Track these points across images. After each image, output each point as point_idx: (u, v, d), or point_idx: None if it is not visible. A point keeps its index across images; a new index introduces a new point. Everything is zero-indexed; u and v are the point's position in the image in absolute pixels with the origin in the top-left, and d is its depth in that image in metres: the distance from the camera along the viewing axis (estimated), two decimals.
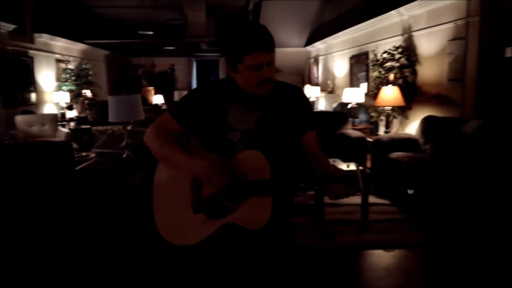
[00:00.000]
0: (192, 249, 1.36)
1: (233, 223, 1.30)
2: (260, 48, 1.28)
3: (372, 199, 3.79)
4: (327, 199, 3.47)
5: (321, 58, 9.61)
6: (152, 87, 13.09)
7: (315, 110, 8.45)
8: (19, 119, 5.99)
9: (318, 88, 8.77)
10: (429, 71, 4.82)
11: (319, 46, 9.55)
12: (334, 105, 7.61)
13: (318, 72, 9.84)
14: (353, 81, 7.33)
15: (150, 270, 2.49)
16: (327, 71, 9.16)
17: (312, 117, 1.51)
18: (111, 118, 3.36)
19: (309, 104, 1.51)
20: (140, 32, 9.90)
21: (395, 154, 3.94)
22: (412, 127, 5.03)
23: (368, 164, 4.92)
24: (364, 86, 6.52)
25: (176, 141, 1.38)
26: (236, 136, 1.37)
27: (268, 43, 1.30)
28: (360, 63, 6.98)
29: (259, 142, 1.36)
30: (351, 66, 7.43)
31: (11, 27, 6.40)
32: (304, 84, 10.16)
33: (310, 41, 10.09)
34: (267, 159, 1.31)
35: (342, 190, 1.25)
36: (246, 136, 1.37)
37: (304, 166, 1.47)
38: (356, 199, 3.45)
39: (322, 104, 8.97)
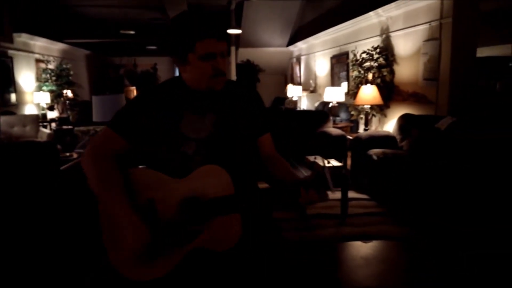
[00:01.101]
0: (160, 282, 1.18)
1: (201, 247, 1.17)
2: (212, 34, 1.19)
3: (352, 194, 3.93)
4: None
5: (303, 58, 9.75)
6: (134, 87, 13.02)
7: (299, 109, 8.58)
8: (0, 120, 5.91)
9: (300, 87, 8.90)
10: (406, 70, 4.99)
11: (301, 46, 9.68)
12: (316, 104, 7.75)
13: (300, 72, 9.98)
14: (334, 81, 7.48)
15: None
16: (309, 70, 9.31)
17: (268, 118, 1.43)
18: (95, 118, 3.40)
19: (263, 105, 1.44)
20: (121, 31, 9.83)
21: (373, 151, 4.08)
22: (390, 125, 5.19)
23: (348, 161, 5.06)
24: (344, 86, 6.67)
25: (116, 176, 1.18)
26: (191, 147, 1.24)
27: (219, 30, 1.22)
28: (341, 63, 7.14)
29: (217, 151, 1.26)
30: (332, 66, 7.58)
31: None
32: (287, 83, 10.29)
33: (292, 41, 10.22)
34: (227, 170, 1.19)
35: (314, 197, 1.18)
36: (202, 145, 1.25)
37: (266, 172, 1.38)
38: (337, 195, 3.58)
39: (304, 103, 9.11)
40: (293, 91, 8.75)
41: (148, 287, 1.19)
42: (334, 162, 3.65)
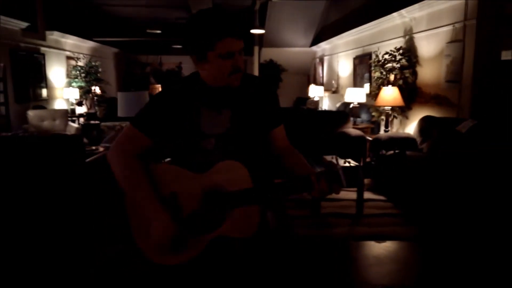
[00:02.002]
0: (184, 267, 1.27)
1: (223, 235, 1.25)
2: (232, 34, 1.22)
3: (368, 194, 3.94)
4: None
5: (326, 58, 9.73)
6: (159, 85, 13.30)
7: (320, 109, 8.58)
8: (31, 114, 6.20)
9: (322, 88, 8.90)
10: (428, 72, 4.94)
11: (324, 46, 9.67)
12: (338, 104, 7.74)
13: (323, 72, 9.96)
14: (356, 81, 7.45)
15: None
16: (331, 71, 9.28)
17: (281, 111, 1.45)
18: (120, 113, 3.54)
19: (276, 97, 1.46)
20: (148, 30, 10.07)
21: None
22: (412, 127, 5.15)
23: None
24: (367, 87, 6.64)
25: (143, 172, 1.26)
26: (211, 143, 1.30)
27: (239, 29, 1.24)
28: (363, 64, 7.11)
29: (235, 146, 1.31)
30: (355, 67, 7.55)
31: (24, 24, 6.61)
32: (309, 83, 10.29)
33: (315, 41, 10.21)
34: (245, 163, 1.25)
35: (325, 187, 1.21)
36: (221, 141, 1.30)
37: (280, 166, 1.41)
38: (352, 195, 3.61)
39: (326, 103, 9.10)
40: (315, 91, 8.75)
41: (171, 271, 1.29)
42: (352, 163, 3.66)
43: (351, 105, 6.28)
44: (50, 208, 2.93)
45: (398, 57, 5.21)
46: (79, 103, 8.30)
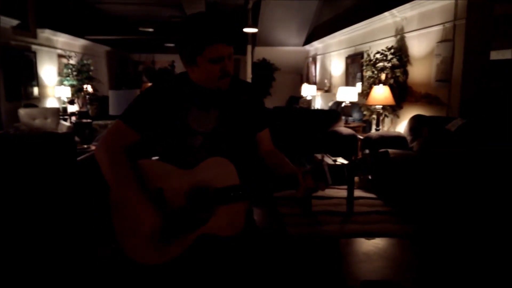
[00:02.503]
0: (169, 265, 1.27)
1: (208, 233, 1.25)
2: (222, 39, 1.22)
3: (358, 192, 3.98)
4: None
5: (319, 57, 9.77)
6: (152, 83, 13.25)
7: (313, 108, 8.62)
8: (22, 112, 6.16)
9: (315, 86, 8.94)
10: (419, 71, 4.99)
11: (317, 45, 9.71)
12: (330, 103, 7.78)
13: (316, 71, 10.01)
14: (349, 81, 7.49)
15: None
16: (324, 70, 9.33)
17: (267, 115, 1.48)
18: (111, 111, 3.54)
19: (262, 101, 1.49)
20: (140, 29, 10.03)
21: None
22: (403, 126, 5.19)
23: None
24: (359, 86, 6.69)
25: (130, 167, 1.27)
26: (198, 140, 1.31)
27: (230, 35, 1.25)
28: (356, 63, 7.15)
29: (222, 144, 1.33)
30: (347, 66, 7.60)
31: (15, 22, 6.56)
32: (302, 82, 10.33)
33: (308, 40, 10.24)
34: (232, 161, 1.26)
35: (311, 184, 1.22)
36: (208, 139, 1.32)
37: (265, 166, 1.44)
38: (343, 193, 3.64)
39: (318, 102, 9.14)
40: (308, 91, 8.79)
41: (157, 270, 1.29)
42: (341, 161, 3.70)
43: (343, 104, 6.32)
44: (41, 207, 2.92)
45: (390, 57, 5.26)
46: (71, 102, 8.26)
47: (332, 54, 8.64)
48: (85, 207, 3.12)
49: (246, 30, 8.40)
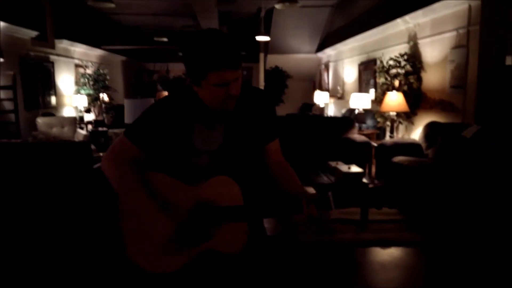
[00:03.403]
0: (170, 277, 1.28)
1: (211, 248, 1.25)
2: (226, 66, 1.17)
3: None
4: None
5: (331, 64, 9.77)
6: (166, 92, 13.40)
7: (326, 115, 8.60)
8: (40, 121, 6.31)
9: (327, 93, 8.93)
10: (433, 78, 4.95)
11: (329, 52, 9.71)
12: (343, 110, 7.76)
13: (329, 78, 10.00)
14: (362, 87, 7.47)
15: None
16: (337, 77, 9.31)
17: (277, 124, 1.42)
18: (127, 120, 3.60)
19: (273, 110, 1.43)
20: (155, 38, 10.19)
21: (397, 158, 4.08)
22: (417, 133, 5.15)
23: (373, 168, 5.06)
24: (372, 92, 6.66)
25: (137, 176, 1.26)
26: (203, 160, 1.30)
27: (235, 61, 1.18)
28: (368, 70, 7.13)
29: (227, 162, 1.31)
30: (360, 73, 7.57)
31: (34, 33, 6.74)
32: (314, 89, 10.33)
33: (320, 47, 10.25)
34: (236, 179, 1.25)
35: (315, 212, 1.21)
36: (213, 157, 1.30)
37: (272, 182, 1.41)
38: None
39: (331, 109, 9.12)
40: (320, 98, 8.78)
41: (159, 280, 1.29)
42: (355, 168, 3.68)
43: (356, 111, 6.30)
44: (58, 213, 2.98)
45: (403, 63, 5.23)
46: (87, 110, 8.41)
47: (344, 61, 8.64)
48: (100, 213, 3.17)
49: (258, 38, 8.46)
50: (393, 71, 5.30)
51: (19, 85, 6.29)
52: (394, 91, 5.04)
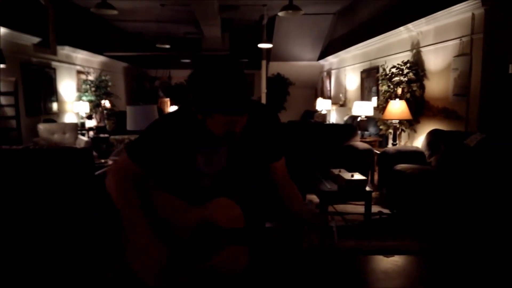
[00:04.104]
0: None
1: (211, 266, 1.25)
2: (233, 113, 1.13)
3: (376, 208, 3.91)
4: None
5: (333, 72, 9.78)
6: (168, 98, 13.43)
7: (328, 123, 8.58)
8: (42, 127, 6.30)
9: (329, 101, 8.92)
10: (436, 86, 4.93)
11: (331, 60, 9.73)
12: (345, 118, 7.75)
13: (331, 85, 10.01)
14: (364, 95, 7.46)
15: None
16: (339, 84, 9.32)
17: (283, 143, 1.39)
18: (129, 127, 3.58)
19: (280, 128, 1.39)
20: (157, 45, 10.24)
21: (400, 166, 4.05)
22: (420, 140, 5.12)
23: (376, 176, 5.03)
24: (375, 100, 6.65)
25: (138, 200, 1.25)
26: (206, 182, 1.29)
27: (243, 108, 1.14)
28: (371, 77, 7.13)
29: (230, 185, 1.30)
30: (362, 80, 7.57)
31: (36, 39, 6.76)
32: (317, 97, 10.33)
33: (323, 55, 10.28)
34: (239, 201, 1.24)
35: (316, 241, 1.21)
36: (216, 179, 1.29)
37: (275, 200, 1.41)
38: (360, 209, 3.58)
39: (333, 117, 9.11)
40: (322, 105, 8.78)
41: None
42: (358, 176, 3.65)
43: (359, 119, 6.29)
44: (59, 220, 2.95)
45: (406, 71, 5.22)
46: (89, 117, 8.41)
47: (347, 68, 8.64)
48: (102, 220, 3.14)
49: (260, 45, 8.48)
50: (396, 78, 5.29)
51: (21, 91, 6.29)
52: (397, 99, 5.03)
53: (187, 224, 1.26)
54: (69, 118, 8.21)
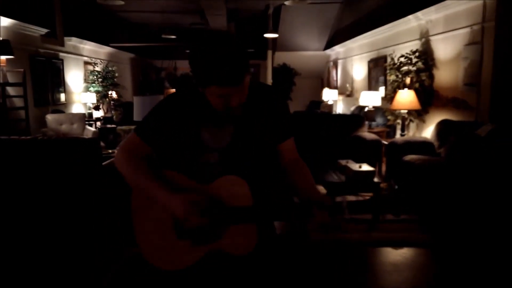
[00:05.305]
0: (179, 274, 1.28)
1: (220, 249, 1.24)
2: (226, 83, 1.14)
3: None
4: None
5: (340, 62, 9.69)
6: (174, 89, 13.42)
7: (334, 113, 8.53)
8: (50, 117, 6.33)
9: (336, 91, 8.85)
10: (446, 75, 4.86)
11: (338, 49, 9.63)
12: (352, 108, 7.69)
13: (337, 76, 9.92)
14: (371, 85, 7.39)
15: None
16: (345, 74, 9.23)
17: (290, 123, 1.38)
18: (135, 117, 3.58)
19: (286, 108, 1.38)
20: (163, 36, 10.20)
21: (409, 157, 4.02)
22: (429, 131, 5.07)
23: (383, 167, 5.00)
24: (382, 90, 6.58)
25: (150, 168, 1.27)
26: (214, 157, 1.29)
27: (236, 78, 1.14)
28: (378, 67, 7.05)
29: (237, 161, 1.29)
30: (370, 70, 7.49)
31: (44, 31, 6.77)
32: (323, 87, 10.25)
33: (329, 44, 10.18)
34: (247, 179, 1.23)
35: (327, 219, 1.17)
36: (223, 155, 1.28)
37: (285, 181, 1.37)
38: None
39: (340, 107, 9.05)
40: (329, 95, 8.71)
41: (169, 277, 1.31)
42: (366, 167, 3.63)
43: (366, 109, 6.23)
44: (67, 210, 2.97)
45: (414, 60, 5.15)
46: (96, 107, 8.44)
47: (353, 58, 8.55)
48: (109, 210, 3.16)
49: (266, 35, 8.41)
50: (404, 68, 5.22)
51: (29, 82, 6.32)
52: (406, 89, 4.97)
53: None
54: (77, 108, 8.24)
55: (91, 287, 2.39)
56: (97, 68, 8.81)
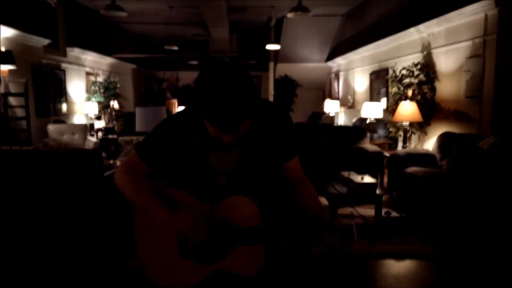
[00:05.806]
0: None
1: (226, 269, 1.23)
2: (217, 126, 1.11)
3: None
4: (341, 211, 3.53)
5: (341, 73, 9.72)
6: (176, 100, 13.46)
7: (336, 125, 8.53)
8: (51, 128, 6.33)
9: (338, 103, 8.87)
10: (447, 87, 4.87)
11: (340, 61, 9.67)
12: (354, 120, 7.68)
13: (339, 87, 9.95)
14: (373, 96, 7.40)
15: None
16: (347, 86, 9.26)
17: (295, 142, 1.36)
18: (138, 128, 3.58)
19: (291, 127, 1.34)
20: (165, 47, 10.28)
21: (411, 169, 4.00)
22: (431, 143, 5.06)
23: (385, 179, 4.97)
24: (384, 102, 6.59)
25: (151, 187, 1.27)
26: (221, 180, 1.28)
27: (227, 127, 1.10)
28: (380, 79, 7.07)
29: (244, 182, 1.29)
30: (371, 82, 7.51)
31: (46, 41, 6.80)
32: (324, 98, 10.27)
33: (331, 56, 10.23)
34: (254, 199, 1.23)
35: (336, 242, 1.19)
36: (230, 177, 1.28)
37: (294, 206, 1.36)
38: (370, 212, 3.54)
39: (341, 118, 9.05)
40: (331, 107, 8.73)
41: None
42: (368, 179, 3.61)
43: (368, 121, 6.23)
44: (69, 221, 2.95)
45: (416, 73, 5.16)
46: (98, 118, 8.44)
47: (355, 70, 8.58)
48: (111, 221, 3.14)
49: (268, 47, 8.45)
50: (406, 80, 5.24)
51: (31, 92, 6.33)
52: (408, 101, 4.97)
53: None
54: (78, 119, 8.25)
55: None
56: (99, 79, 8.84)
